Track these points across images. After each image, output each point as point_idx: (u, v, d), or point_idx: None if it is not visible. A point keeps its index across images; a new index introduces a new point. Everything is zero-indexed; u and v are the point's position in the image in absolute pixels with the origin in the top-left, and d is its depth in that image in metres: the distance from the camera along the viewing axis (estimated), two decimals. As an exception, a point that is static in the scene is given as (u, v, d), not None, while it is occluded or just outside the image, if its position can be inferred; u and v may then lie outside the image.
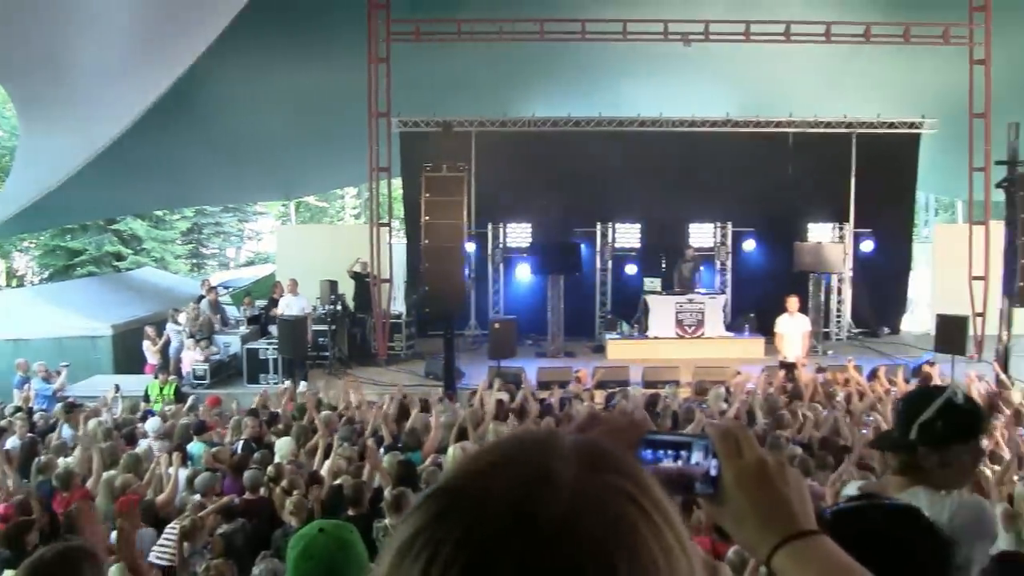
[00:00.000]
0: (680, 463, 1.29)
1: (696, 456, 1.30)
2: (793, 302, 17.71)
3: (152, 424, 12.96)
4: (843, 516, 2.14)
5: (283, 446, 10.95)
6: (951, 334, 18.58)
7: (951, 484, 3.41)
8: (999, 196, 18.71)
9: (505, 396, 13.90)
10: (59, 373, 17.59)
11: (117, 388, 16.28)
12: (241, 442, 11.73)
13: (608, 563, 0.90)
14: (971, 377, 14.35)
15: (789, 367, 16.78)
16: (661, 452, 1.29)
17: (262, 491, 9.20)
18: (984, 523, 3.43)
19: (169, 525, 8.47)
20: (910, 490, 3.39)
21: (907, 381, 15.14)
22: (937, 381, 14.39)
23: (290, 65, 20.44)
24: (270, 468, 9.58)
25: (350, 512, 7.93)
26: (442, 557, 0.90)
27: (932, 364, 17.17)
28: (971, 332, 19.44)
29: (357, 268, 21.25)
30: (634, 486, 0.98)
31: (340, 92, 21.08)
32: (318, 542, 3.18)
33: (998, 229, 19.11)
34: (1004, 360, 17.72)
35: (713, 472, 1.30)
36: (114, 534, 7.99)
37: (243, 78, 20.66)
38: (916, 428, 3.33)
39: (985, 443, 9.20)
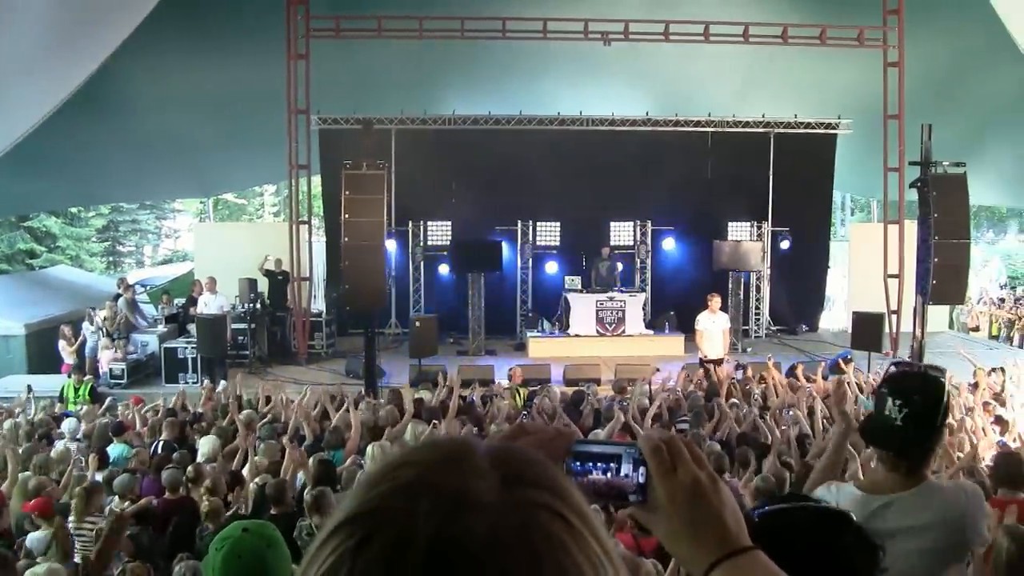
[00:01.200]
0: (609, 475, 1.27)
1: (625, 467, 1.28)
2: (716, 300, 17.86)
3: (68, 425, 12.75)
4: (770, 518, 2.15)
5: (206, 445, 10.83)
6: (867, 331, 18.93)
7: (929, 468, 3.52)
8: (913, 196, 19.00)
9: (427, 395, 13.87)
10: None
11: (29, 389, 15.99)
12: (161, 442, 11.57)
13: None
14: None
15: (709, 364, 16.91)
16: (589, 464, 1.27)
17: (182, 491, 9.09)
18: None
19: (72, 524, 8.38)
20: (922, 486, 3.47)
21: (825, 378, 15.35)
22: (851, 378, 14.59)
23: (207, 60, 20.26)
24: (189, 468, 9.47)
25: (273, 511, 7.87)
26: None
27: (848, 360, 17.41)
28: (886, 329, 19.79)
29: (269, 266, 21.08)
30: (557, 499, 0.96)
31: (258, 89, 20.89)
32: (244, 541, 3.15)
33: (912, 228, 19.42)
34: (919, 356, 18.02)
35: (642, 480, 1.29)
36: (36, 535, 7.87)
37: (158, 74, 20.42)
38: (905, 412, 3.39)
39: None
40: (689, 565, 1.30)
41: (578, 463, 1.28)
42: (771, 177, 23.74)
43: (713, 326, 17.63)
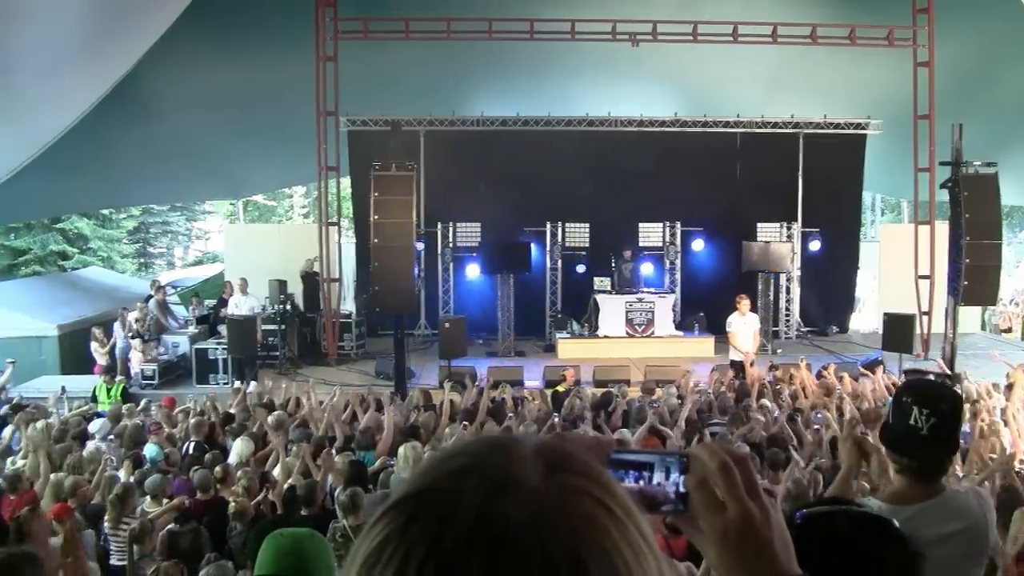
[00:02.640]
0: (642, 483, 1.26)
1: (658, 476, 1.27)
2: (745, 302, 17.75)
3: (97, 425, 12.83)
4: (811, 521, 2.15)
5: (239, 447, 10.87)
6: (898, 333, 18.79)
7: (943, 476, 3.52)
8: (944, 196, 18.92)
9: (457, 397, 13.88)
10: (3, 372, 17.38)
11: (63, 390, 16.11)
12: (192, 443, 11.63)
13: (579, 565, 0.89)
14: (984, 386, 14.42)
15: (739, 366, 16.86)
16: (621, 472, 1.27)
17: (211, 492, 9.14)
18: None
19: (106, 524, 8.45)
20: (945, 494, 3.47)
21: (855, 379, 15.27)
22: (881, 379, 14.56)
23: (236, 63, 20.36)
24: (217, 469, 9.51)
25: (304, 512, 7.90)
26: (412, 568, 0.89)
27: (880, 363, 17.34)
28: (917, 330, 19.68)
29: (312, 268, 21.17)
30: (600, 488, 0.98)
31: (287, 91, 20.98)
32: (284, 534, 3.20)
33: (943, 229, 19.32)
34: (950, 358, 17.95)
35: (683, 489, 1.27)
36: (54, 540, 7.91)
37: (188, 77, 20.53)
38: (932, 421, 3.39)
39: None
40: None
41: (610, 471, 1.27)
42: (800, 178, 23.67)
43: (744, 327, 17.55)
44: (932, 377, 12.94)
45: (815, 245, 23.67)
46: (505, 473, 0.96)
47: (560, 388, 15.49)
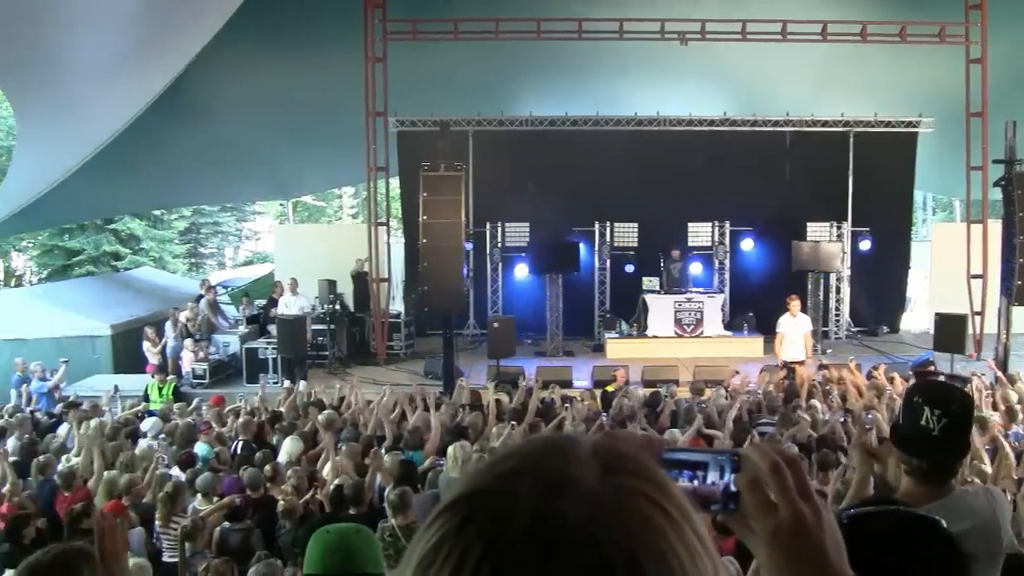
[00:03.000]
0: (696, 483, 1.25)
1: (712, 475, 1.25)
2: (795, 302, 17.62)
3: (148, 424, 12.96)
4: (858, 520, 2.15)
5: (288, 446, 10.94)
6: (950, 333, 18.61)
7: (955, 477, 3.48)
8: (997, 195, 18.73)
9: (504, 397, 13.91)
10: (56, 371, 17.60)
11: (116, 389, 16.28)
12: (240, 442, 11.73)
13: (635, 566, 0.89)
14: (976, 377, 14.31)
15: (790, 367, 16.74)
16: (675, 471, 1.26)
17: (261, 490, 9.22)
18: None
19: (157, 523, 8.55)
20: (954, 494, 3.45)
21: (906, 380, 15.13)
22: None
23: (285, 64, 20.50)
24: (267, 468, 9.59)
25: (352, 511, 7.94)
26: (467, 568, 0.89)
27: (931, 363, 17.19)
28: (970, 331, 19.48)
29: (363, 269, 21.27)
30: (656, 489, 0.98)
31: (336, 91, 21.07)
32: (330, 531, 3.23)
33: (996, 228, 19.11)
34: (1003, 359, 17.76)
35: (733, 488, 1.27)
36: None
37: (238, 78, 20.71)
38: (944, 422, 3.37)
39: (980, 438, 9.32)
40: None
41: (665, 470, 1.27)
42: (851, 176, 23.47)
43: (794, 329, 17.40)
44: (942, 378, 12.83)
45: (865, 245, 23.46)
46: (561, 473, 0.96)
47: (610, 388, 15.48)
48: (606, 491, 0.94)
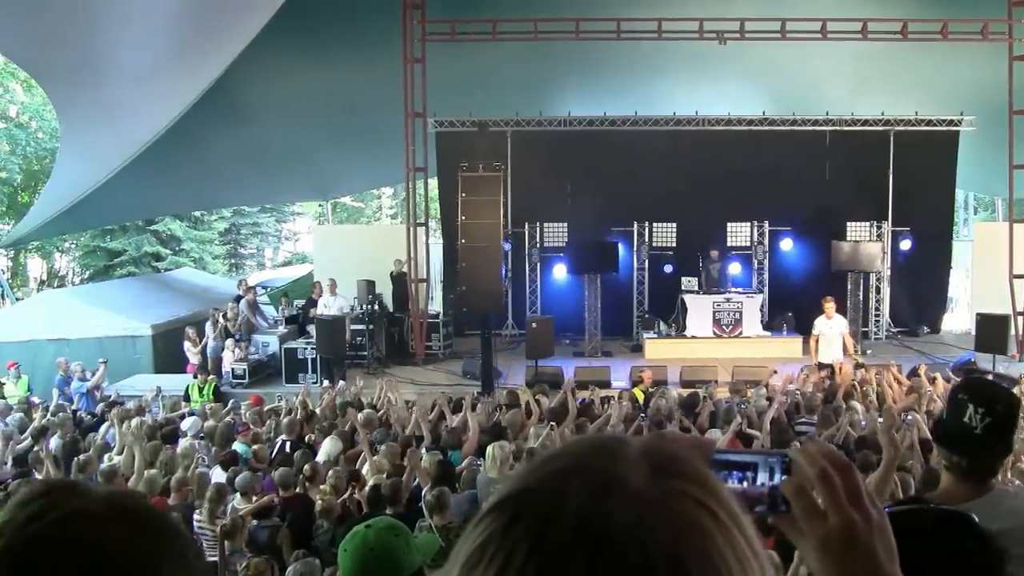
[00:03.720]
0: (746, 484, 1.23)
1: (762, 476, 1.24)
2: (830, 304, 17.53)
3: (188, 423, 13.05)
4: (893, 519, 2.13)
5: (328, 446, 10.99)
6: (992, 333, 18.47)
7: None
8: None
9: (543, 398, 13.89)
10: (95, 372, 17.77)
11: (159, 390, 16.40)
12: (280, 441, 11.79)
13: (681, 569, 0.89)
14: None
15: (828, 368, 16.65)
16: (724, 472, 1.25)
17: (298, 489, 9.27)
18: None
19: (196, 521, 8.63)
20: (993, 493, 3.43)
21: (947, 381, 15.04)
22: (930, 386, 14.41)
23: (324, 66, 20.57)
24: (306, 467, 9.64)
25: (388, 511, 7.96)
26: (514, 568, 0.89)
27: (973, 364, 17.07)
28: (1012, 331, 19.31)
29: (403, 269, 21.34)
30: (705, 492, 0.97)
31: (375, 92, 21.13)
32: (370, 535, 3.22)
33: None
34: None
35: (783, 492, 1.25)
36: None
37: (278, 79, 20.80)
38: (987, 421, 3.35)
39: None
40: None
41: (714, 472, 1.25)
42: (891, 176, 23.32)
43: (831, 331, 17.33)
44: (990, 377, 12.73)
45: (906, 244, 23.31)
46: (609, 474, 0.95)
47: (638, 391, 15.41)
48: (654, 492, 0.94)
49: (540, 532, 0.90)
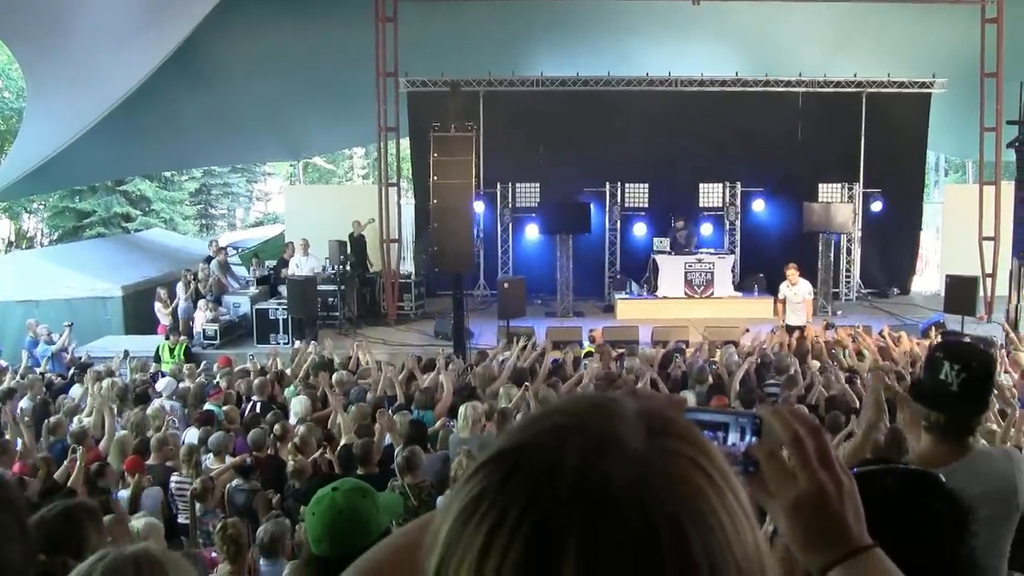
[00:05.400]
0: (716, 444, 1.23)
1: (733, 436, 1.25)
2: (792, 271, 17.60)
3: (163, 384, 13.02)
4: (860, 480, 2.14)
5: (297, 405, 11.00)
6: (961, 295, 18.57)
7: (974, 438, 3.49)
8: (1010, 156, 18.64)
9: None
10: (61, 335, 17.68)
11: (126, 353, 16.33)
12: (252, 402, 11.78)
13: (678, 528, 0.89)
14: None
15: (798, 329, 16.75)
16: None
17: (269, 450, 9.27)
18: None
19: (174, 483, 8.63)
20: (972, 455, 3.47)
21: (913, 341, 15.16)
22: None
23: (295, 24, 20.43)
24: (277, 427, 9.64)
25: (360, 471, 7.97)
26: (508, 523, 0.89)
27: (942, 325, 17.19)
28: (981, 293, 19.44)
29: (361, 231, 21.29)
30: (700, 452, 0.97)
31: (347, 52, 21.02)
32: (337, 499, 3.21)
33: (1008, 189, 19.04)
34: (1014, 321, 17.73)
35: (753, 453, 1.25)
36: (124, 493, 8.07)
37: (248, 39, 20.68)
38: (963, 377, 3.40)
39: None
40: (807, 561, 1.28)
41: None
42: (863, 137, 23.36)
43: (795, 296, 17.42)
44: (967, 339, 12.86)
45: (877, 206, 23.40)
46: (607, 432, 0.95)
47: (591, 349, 15.42)
48: (651, 452, 0.94)
49: (537, 488, 0.90)
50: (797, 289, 17.46)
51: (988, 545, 3.39)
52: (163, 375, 14.18)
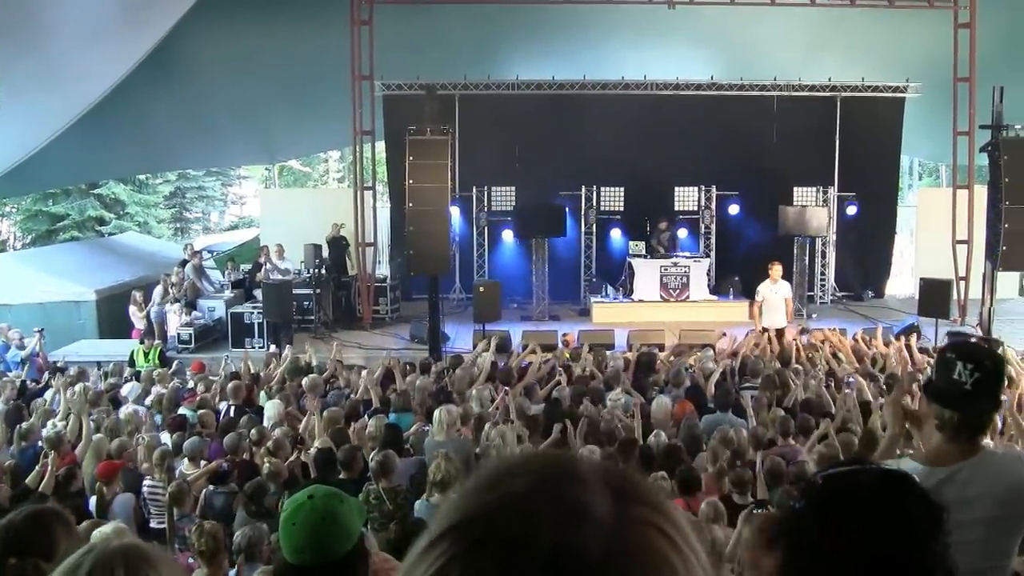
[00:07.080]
0: None
1: None
2: (776, 268, 17.60)
3: (128, 388, 12.96)
4: (834, 480, 2.16)
5: (271, 409, 10.96)
6: (935, 298, 18.64)
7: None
8: (983, 160, 18.73)
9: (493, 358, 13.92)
10: (31, 339, 17.55)
11: (99, 366, 16.16)
12: (226, 406, 11.73)
13: None
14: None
15: (776, 332, 16.75)
16: None
17: (245, 455, 9.23)
18: None
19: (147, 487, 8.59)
20: (982, 455, 3.50)
21: (887, 345, 15.24)
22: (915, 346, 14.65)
23: (270, 27, 20.36)
24: (253, 431, 9.61)
25: (342, 476, 7.94)
26: None
27: (916, 328, 17.28)
28: (954, 296, 19.53)
29: (338, 234, 21.27)
30: (663, 518, 0.96)
31: (322, 55, 20.99)
32: (315, 506, 3.18)
33: (982, 193, 19.13)
34: (987, 324, 17.83)
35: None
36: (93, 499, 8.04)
37: (224, 42, 20.62)
38: (976, 376, 3.43)
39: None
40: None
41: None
42: (837, 142, 23.45)
43: (775, 296, 17.39)
44: (974, 339, 12.95)
45: (852, 210, 23.48)
46: (576, 501, 0.93)
47: (567, 354, 15.38)
48: (619, 522, 0.93)
49: (510, 561, 0.88)
50: (778, 288, 17.42)
51: (991, 545, 3.43)
52: (136, 377, 14.12)
